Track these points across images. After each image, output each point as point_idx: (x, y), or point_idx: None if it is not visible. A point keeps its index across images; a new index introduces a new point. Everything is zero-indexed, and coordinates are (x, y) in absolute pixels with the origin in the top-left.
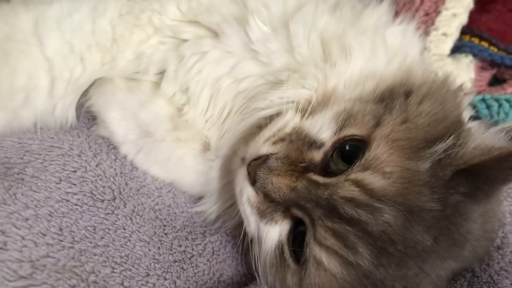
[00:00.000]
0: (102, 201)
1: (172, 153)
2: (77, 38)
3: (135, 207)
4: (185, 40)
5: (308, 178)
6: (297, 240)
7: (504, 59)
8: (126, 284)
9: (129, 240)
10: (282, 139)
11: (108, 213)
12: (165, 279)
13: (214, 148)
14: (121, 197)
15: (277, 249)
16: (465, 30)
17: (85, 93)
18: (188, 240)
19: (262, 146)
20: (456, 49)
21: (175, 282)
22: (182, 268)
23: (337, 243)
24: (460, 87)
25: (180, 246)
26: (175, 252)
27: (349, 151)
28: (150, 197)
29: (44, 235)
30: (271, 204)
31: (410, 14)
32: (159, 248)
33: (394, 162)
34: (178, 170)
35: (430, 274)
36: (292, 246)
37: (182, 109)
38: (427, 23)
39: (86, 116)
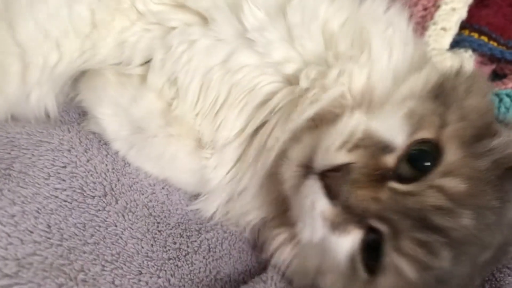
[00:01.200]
0: (93, 197)
1: (165, 149)
2: (52, 23)
3: (127, 204)
4: (172, 28)
5: (390, 187)
6: (368, 249)
7: (504, 54)
8: (117, 282)
9: (120, 237)
10: (356, 146)
11: (99, 210)
12: (159, 277)
13: (211, 145)
14: (113, 193)
15: (348, 259)
16: (464, 25)
17: (75, 87)
18: (183, 237)
19: (337, 154)
20: (456, 44)
21: (169, 280)
22: (177, 265)
23: (422, 251)
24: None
25: (175, 243)
26: (169, 250)
27: (418, 154)
28: (143, 194)
29: (31, 232)
30: (347, 217)
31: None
32: (152, 245)
33: (466, 163)
34: (171, 167)
35: (475, 266)
36: (365, 254)
37: (172, 104)
38: (426, 17)
39: (77, 111)
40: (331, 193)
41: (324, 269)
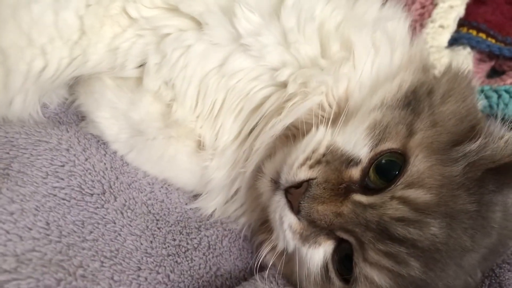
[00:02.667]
0: (91, 195)
1: (164, 151)
2: (36, 30)
3: (126, 201)
4: (166, 34)
5: (353, 200)
6: (342, 258)
7: (502, 50)
8: (116, 278)
9: (119, 234)
10: (318, 162)
11: (98, 207)
12: (158, 273)
13: (211, 147)
14: (111, 191)
15: (322, 269)
16: (462, 22)
17: (73, 91)
18: (183, 234)
19: (299, 171)
20: (454, 41)
21: (168, 276)
22: (176, 262)
23: (389, 262)
24: (469, 74)
25: (174, 240)
26: (168, 246)
27: (386, 164)
28: (142, 192)
29: (30, 229)
30: (314, 230)
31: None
32: (151, 242)
33: (433, 171)
34: (171, 168)
35: (465, 267)
36: (337, 265)
37: (171, 107)
38: (424, 15)
39: (75, 112)
40: (293, 208)
41: (303, 277)
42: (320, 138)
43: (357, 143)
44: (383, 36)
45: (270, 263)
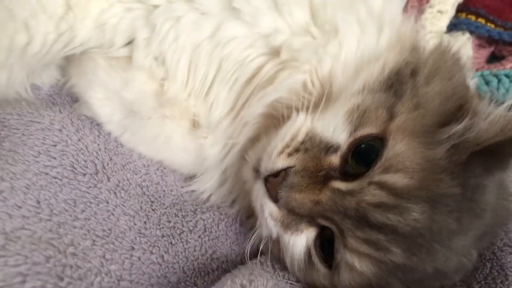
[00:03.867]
0: (84, 174)
1: (159, 131)
2: (17, 3)
3: (119, 182)
4: (155, 6)
5: (331, 188)
6: (324, 244)
7: (502, 35)
8: (108, 256)
9: (112, 214)
10: (297, 149)
11: (90, 187)
12: (152, 253)
13: (206, 124)
14: (105, 171)
15: (305, 255)
16: (461, 8)
17: (65, 73)
18: (178, 216)
19: (277, 159)
20: (453, 27)
21: (162, 256)
22: (171, 243)
23: (369, 249)
24: (459, 52)
25: (169, 222)
26: (163, 227)
27: (365, 149)
28: (136, 174)
29: (20, 207)
30: (295, 217)
31: None
32: (145, 222)
33: (414, 155)
34: (166, 148)
35: (456, 248)
36: (320, 251)
37: (163, 86)
38: (422, 0)
39: (69, 94)
40: (272, 197)
41: (290, 262)
42: (299, 125)
43: (336, 129)
44: (369, 14)
45: (260, 249)
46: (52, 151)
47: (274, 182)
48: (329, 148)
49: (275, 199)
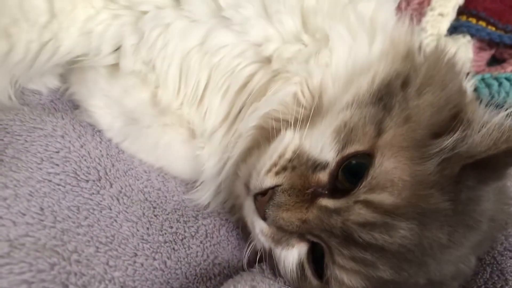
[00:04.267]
0: (87, 181)
1: (159, 139)
2: None
3: (122, 188)
4: (143, 13)
5: (318, 206)
6: (317, 258)
7: (502, 38)
8: (111, 263)
9: (115, 220)
10: (284, 168)
11: (93, 193)
12: (154, 259)
13: (200, 133)
14: (107, 177)
15: (298, 268)
16: (462, 10)
17: (66, 80)
18: (180, 222)
19: (265, 178)
20: (454, 30)
21: (165, 262)
22: (173, 249)
23: (357, 266)
24: (454, 58)
25: (171, 227)
26: (165, 233)
27: (355, 165)
28: (138, 180)
29: (24, 214)
30: (285, 233)
31: None
32: (148, 228)
33: (402, 172)
34: (166, 157)
35: (450, 259)
36: (313, 264)
37: (156, 95)
38: (423, 3)
39: (70, 100)
40: (260, 214)
41: (283, 273)
42: (287, 143)
43: (324, 147)
44: (360, 21)
45: (258, 258)
46: (55, 157)
47: (262, 200)
48: (317, 166)
49: (263, 218)
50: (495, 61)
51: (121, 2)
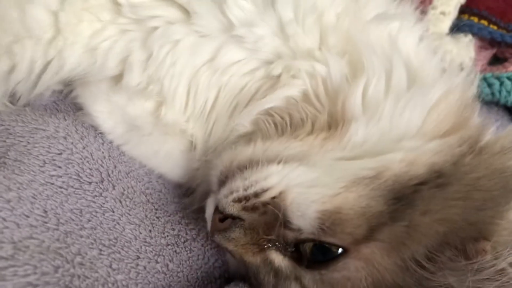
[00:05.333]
0: (89, 183)
1: (160, 147)
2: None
3: (124, 190)
4: (153, 28)
5: (265, 258)
6: None
7: (504, 37)
8: (114, 266)
9: (118, 223)
10: (254, 209)
11: (96, 196)
12: (157, 262)
13: (203, 150)
14: (110, 179)
15: None
16: (463, 9)
17: (69, 82)
18: (182, 224)
19: (232, 204)
20: (455, 29)
21: (167, 265)
22: (175, 251)
23: None
24: None
25: (173, 229)
26: (167, 236)
27: (324, 247)
28: (140, 182)
29: (27, 216)
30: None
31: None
32: (150, 231)
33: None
34: (166, 164)
35: None
36: None
37: (160, 110)
38: (425, 2)
39: (73, 101)
40: (210, 230)
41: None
42: (269, 184)
43: (305, 216)
44: (400, 58)
45: None
46: (57, 159)
47: (217, 224)
48: (289, 225)
49: (211, 233)
50: (496, 60)
51: (130, 15)
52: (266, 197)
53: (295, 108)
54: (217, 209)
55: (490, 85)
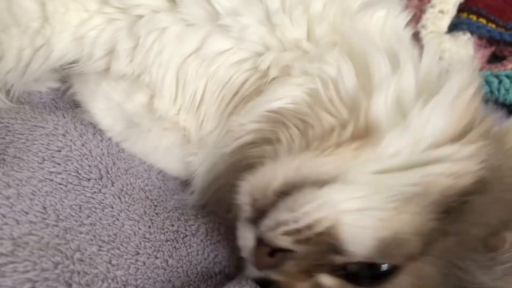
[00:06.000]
0: (88, 180)
1: (159, 143)
2: None
3: (123, 187)
4: (139, 17)
5: (315, 281)
6: None
7: (503, 35)
8: (114, 262)
9: (117, 219)
10: (308, 240)
11: (95, 192)
12: (156, 257)
13: (196, 141)
14: (109, 176)
15: None
16: (462, 7)
17: (67, 79)
18: (181, 220)
19: (282, 238)
20: (454, 27)
21: (167, 261)
22: (175, 247)
23: None
24: None
25: (173, 225)
26: (167, 232)
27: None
28: (139, 178)
29: (27, 213)
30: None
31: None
32: (149, 227)
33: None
34: (166, 160)
35: None
36: None
37: (153, 102)
38: (423, 0)
39: (71, 99)
40: (255, 266)
41: None
42: (321, 215)
43: (362, 243)
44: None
45: None
46: (57, 156)
47: (266, 259)
48: (343, 252)
49: (257, 268)
50: (495, 59)
51: (116, 4)
52: (319, 228)
53: (306, 112)
54: (261, 242)
55: (488, 84)
